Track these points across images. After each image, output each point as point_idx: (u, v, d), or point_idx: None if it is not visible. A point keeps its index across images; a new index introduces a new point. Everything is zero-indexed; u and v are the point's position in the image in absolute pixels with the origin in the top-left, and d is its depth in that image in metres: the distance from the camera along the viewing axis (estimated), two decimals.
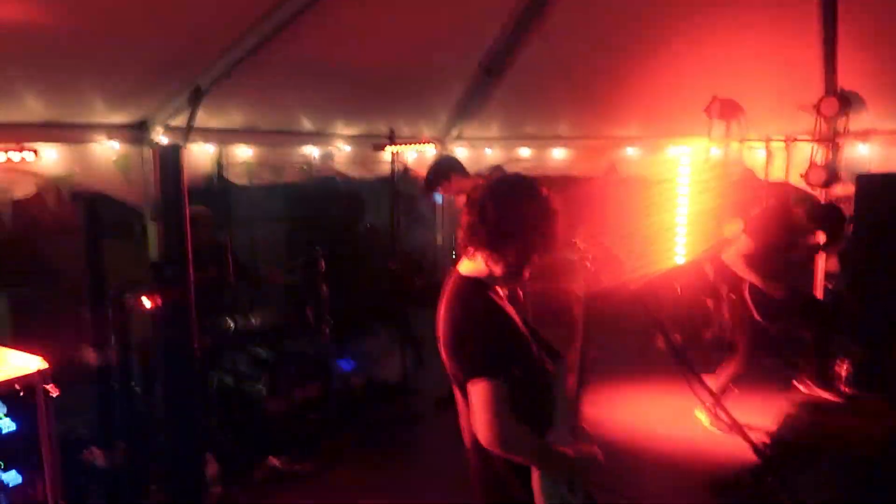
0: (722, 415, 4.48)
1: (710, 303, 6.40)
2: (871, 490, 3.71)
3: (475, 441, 2.06)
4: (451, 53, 5.16)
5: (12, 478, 2.91)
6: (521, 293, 2.56)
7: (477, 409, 1.93)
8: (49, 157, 3.97)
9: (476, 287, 2.08)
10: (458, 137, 6.73)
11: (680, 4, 4.55)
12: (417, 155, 6.55)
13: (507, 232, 2.03)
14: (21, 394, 2.92)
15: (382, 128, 5.64)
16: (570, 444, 2.08)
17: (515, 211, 2.04)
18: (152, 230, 4.48)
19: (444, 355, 2.11)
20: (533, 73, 5.43)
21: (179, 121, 4.36)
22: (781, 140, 5.31)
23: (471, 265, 2.13)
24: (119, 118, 4.29)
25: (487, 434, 1.92)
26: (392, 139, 5.46)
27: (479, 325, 2.01)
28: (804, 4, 4.18)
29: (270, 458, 4.53)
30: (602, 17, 4.83)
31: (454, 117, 6.38)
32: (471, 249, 2.11)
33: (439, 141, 6.68)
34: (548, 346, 2.25)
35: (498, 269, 2.08)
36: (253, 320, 5.16)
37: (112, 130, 4.27)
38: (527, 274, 2.14)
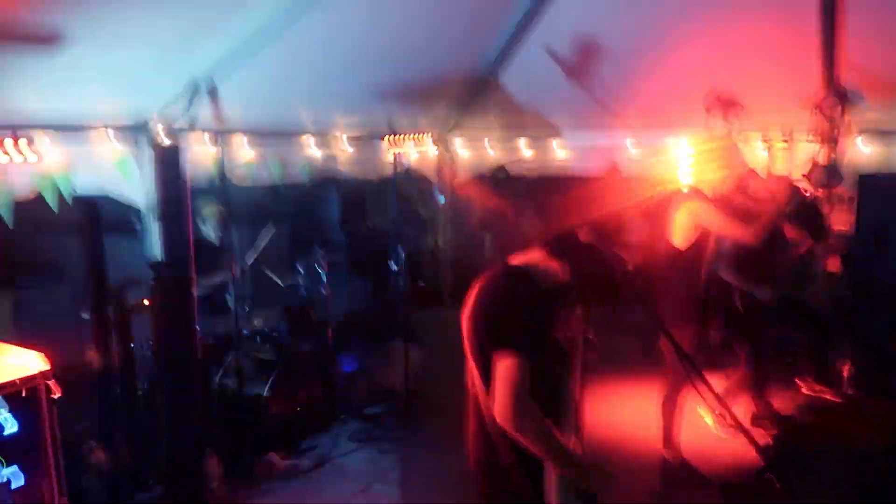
0: (726, 416, 4.47)
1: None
2: (874, 492, 3.70)
3: (481, 431, 2.06)
4: (454, 52, 5.15)
5: (15, 476, 2.91)
6: None
7: (500, 382, 1.95)
8: (50, 157, 3.96)
9: (526, 276, 2.14)
10: (460, 136, 6.73)
11: None
12: (419, 155, 6.53)
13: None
14: (23, 393, 2.92)
15: (385, 128, 5.64)
16: (577, 447, 2.08)
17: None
18: (153, 230, 4.48)
19: (470, 330, 2.13)
20: (534, 71, 5.41)
21: (181, 121, 4.36)
22: (782, 140, 5.29)
23: (526, 258, 2.19)
24: (120, 118, 4.28)
25: (505, 408, 1.94)
26: (392, 130, 5.46)
27: (521, 306, 2.05)
28: None
29: (271, 454, 4.54)
30: (601, 12, 4.82)
31: (456, 115, 6.38)
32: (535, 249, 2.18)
33: (441, 139, 6.68)
34: (557, 345, 2.25)
35: (564, 274, 2.13)
36: (255, 321, 5.16)
37: (113, 130, 4.26)
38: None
